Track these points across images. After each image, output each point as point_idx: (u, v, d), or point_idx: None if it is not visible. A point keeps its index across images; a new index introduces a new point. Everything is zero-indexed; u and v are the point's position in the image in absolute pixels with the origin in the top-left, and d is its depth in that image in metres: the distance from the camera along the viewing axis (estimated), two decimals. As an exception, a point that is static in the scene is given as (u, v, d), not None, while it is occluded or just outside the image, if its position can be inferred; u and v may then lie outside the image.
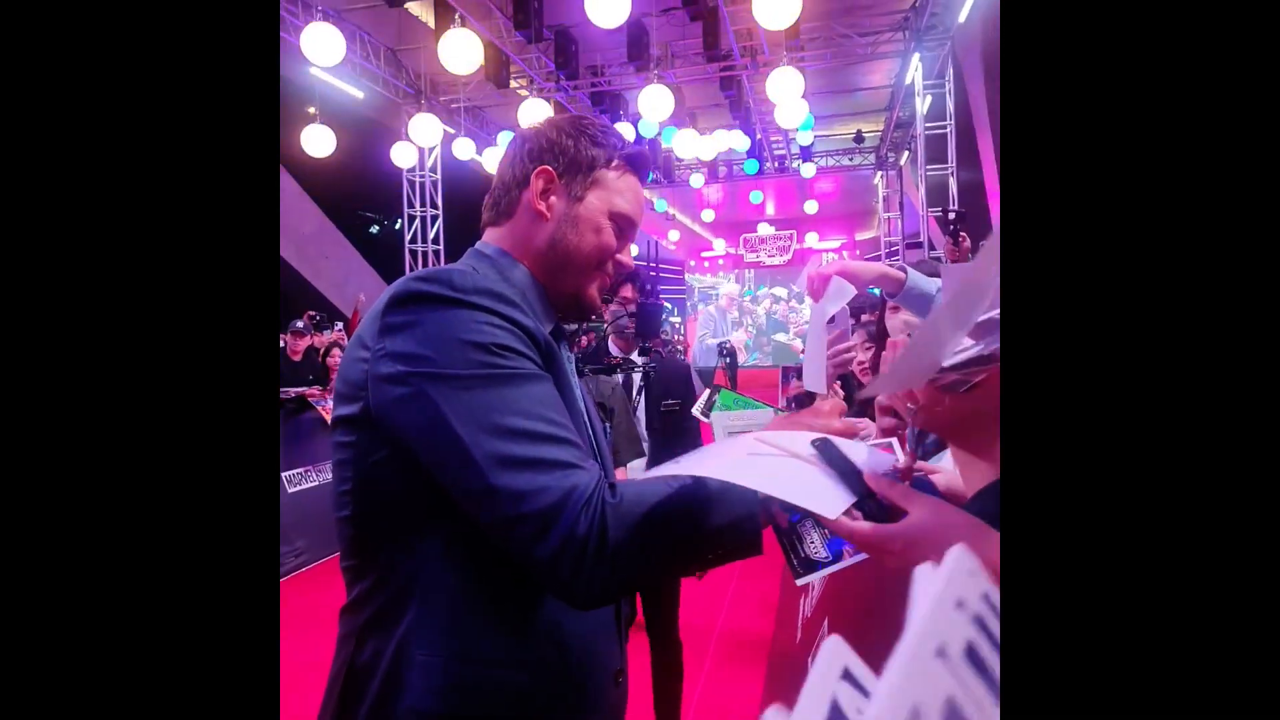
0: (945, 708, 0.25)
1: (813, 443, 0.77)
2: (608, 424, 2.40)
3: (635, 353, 2.77)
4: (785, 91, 6.89)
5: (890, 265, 1.45)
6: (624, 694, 1.00)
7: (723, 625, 3.84)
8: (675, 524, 0.79)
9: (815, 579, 0.78)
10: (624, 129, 7.81)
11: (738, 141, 10.84)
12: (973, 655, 0.28)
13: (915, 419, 0.82)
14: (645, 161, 1.05)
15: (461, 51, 6.36)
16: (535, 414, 0.79)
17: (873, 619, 1.48)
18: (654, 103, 7.16)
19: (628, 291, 2.74)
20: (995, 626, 0.30)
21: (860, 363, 2.20)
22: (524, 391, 0.81)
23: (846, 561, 0.77)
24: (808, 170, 12.55)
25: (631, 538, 0.77)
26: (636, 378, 2.74)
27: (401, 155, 9.00)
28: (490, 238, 1.02)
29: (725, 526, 0.81)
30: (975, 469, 0.80)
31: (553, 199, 0.99)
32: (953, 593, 0.28)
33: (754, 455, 0.77)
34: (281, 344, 6.25)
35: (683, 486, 0.81)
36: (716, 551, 0.83)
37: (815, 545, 0.79)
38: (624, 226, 1.02)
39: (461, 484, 0.78)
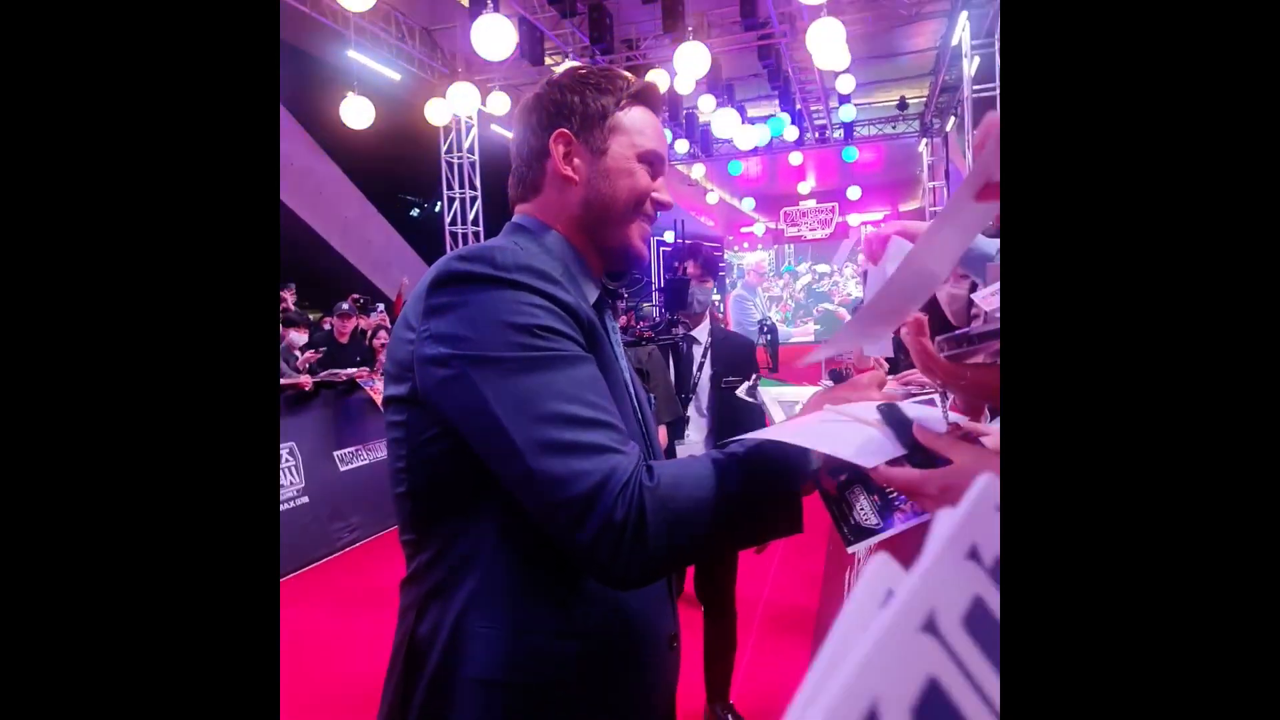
0: (925, 686, 0.23)
1: (878, 407, 0.79)
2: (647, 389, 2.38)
3: (697, 328, 2.72)
4: (826, 41, 6.63)
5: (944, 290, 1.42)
6: (678, 658, 1.02)
7: (769, 597, 3.82)
8: (712, 504, 0.79)
9: (866, 546, 0.76)
10: (658, 76, 7.75)
11: (785, 130, 10.74)
12: (974, 621, 0.25)
13: (945, 390, 0.79)
14: (654, 92, 1.04)
15: (494, 36, 6.35)
16: (576, 398, 0.79)
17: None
18: (689, 61, 7.05)
19: (691, 268, 2.69)
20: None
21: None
22: (565, 375, 0.80)
23: (898, 527, 0.75)
24: (850, 153, 12.34)
25: (669, 520, 0.77)
26: (697, 352, 2.68)
27: (436, 113, 8.77)
28: (524, 211, 1.02)
29: (762, 501, 0.82)
30: None
31: (576, 160, 0.98)
32: (966, 538, 0.25)
33: (822, 422, 0.80)
34: (328, 326, 6.40)
35: (718, 464, 0.81)
36: (756, 527, 0.84)
37: (866, 512, 0.77)
38: (653, 162, 1.01)
39: (504, 468, 0.80)
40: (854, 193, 16.47)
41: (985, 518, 0.27)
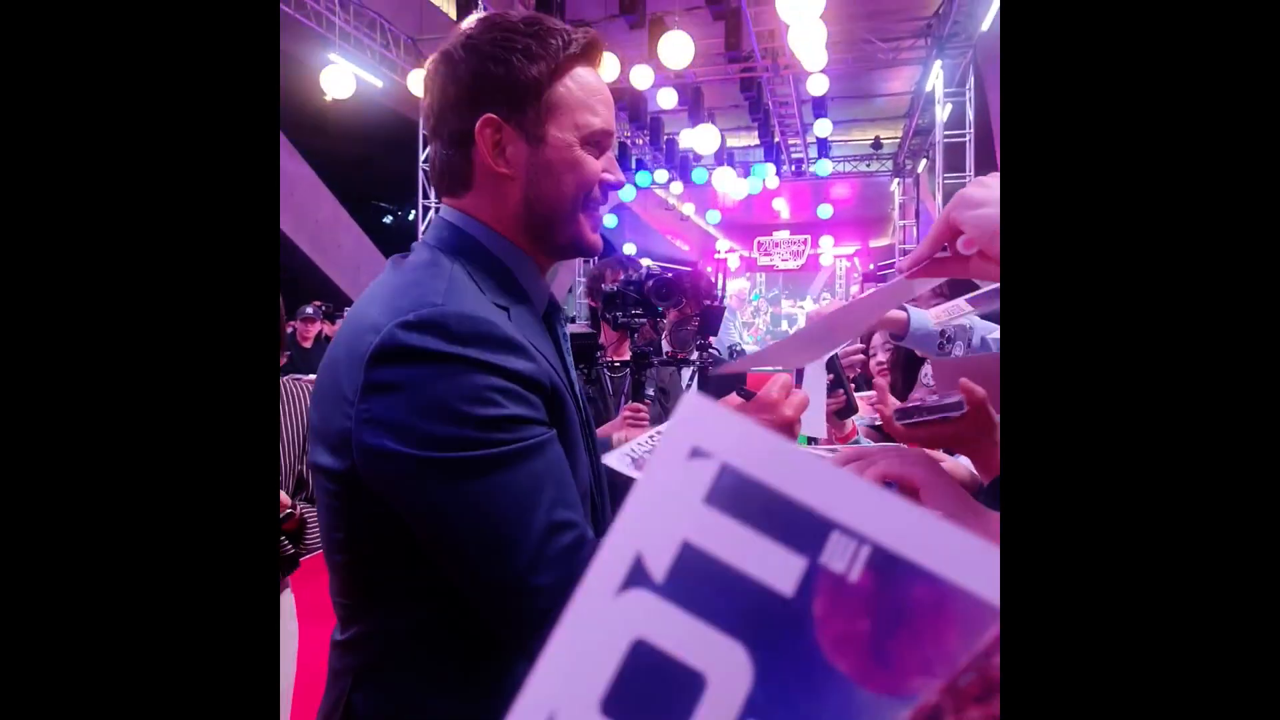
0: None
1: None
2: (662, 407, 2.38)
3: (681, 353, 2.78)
4: (806, 40, 6.46)
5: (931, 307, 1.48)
6: None
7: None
8: None
9: None
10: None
11: (771, 181, 10.84)
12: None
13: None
14: (596, 47, 0.86)
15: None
16: (533, 502, 0.72)
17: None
18: (703, 140, 7.07)
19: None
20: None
21: (880, 363, 2.19)
22: (526, 472, 0.72)
23: None
24: (823, 168, 12.51)
25: None
26: (686, 374, 2.74)
27: (417, 82, 8.41)
28: (456, 206, 0.87)
29: None
30: (985, 469, 0.81)
31: (509, 150, 0.82)
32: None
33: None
34: (291, 330, 6.27)
35: None
36: None
37: None
38: (600, 139, 0.86)
39: (452, 569, 0.74)
40: (825, 210, 16.65)
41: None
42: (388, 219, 16.70)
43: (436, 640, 0.79)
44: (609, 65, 6.11)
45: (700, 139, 8.77)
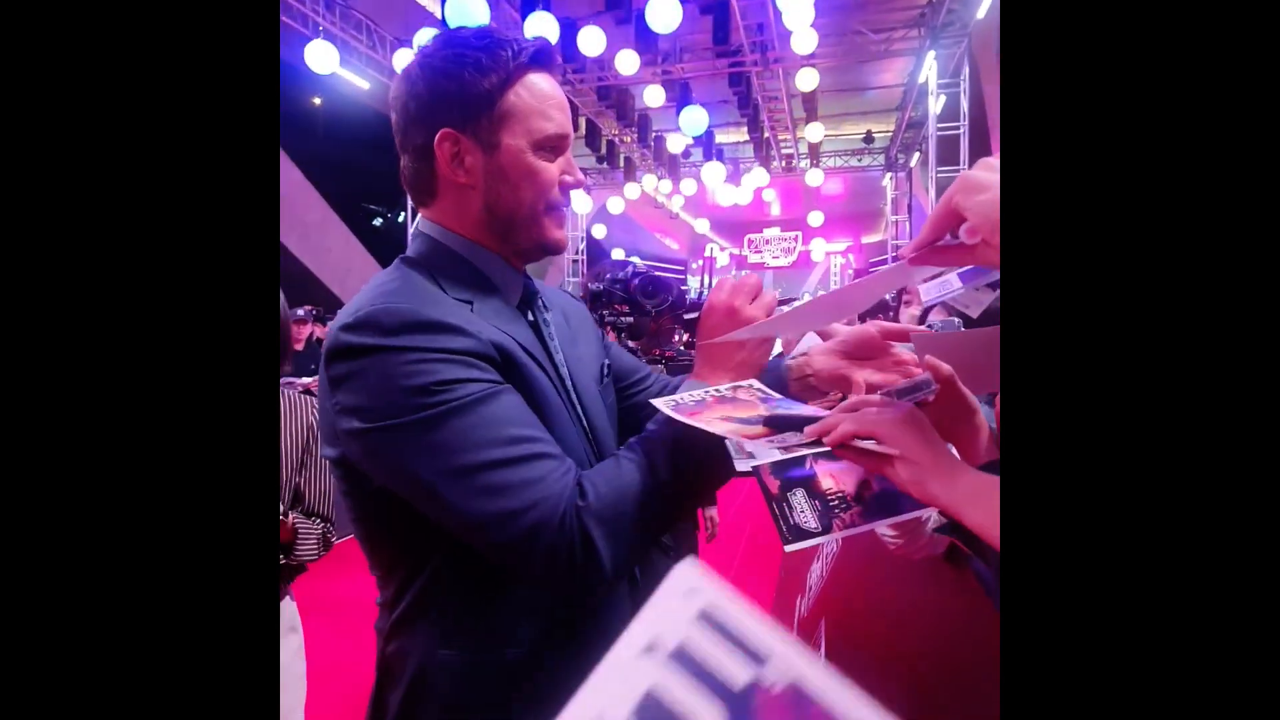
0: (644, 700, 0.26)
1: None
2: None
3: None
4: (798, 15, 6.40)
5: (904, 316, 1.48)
6: None
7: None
8: (652, 492, 0.81)
9: (803, 546, 0.77)
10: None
11: (761, 178, 10.80)
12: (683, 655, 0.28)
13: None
14: (547, 53, 0.91)
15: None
16: (492, 438, 0.79)
17: (870, 623, 1.44)
18: (689, 122, 7.07)
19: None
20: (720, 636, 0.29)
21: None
22: (479, 417, 0.79)
23: (835, 534, 0.78)
24: (814, 178, 12.50)
25: (613, 530, 0.79)
26: None
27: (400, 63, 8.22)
28: (428, 217, 0.95)
29: (694, 469, 0.84)
30: (967, 456, 0.82)
31: (468, 160, 0.89)
32: (648, 631, 0.28)
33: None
34: (281, 333, 6.25)
35: (645, 452, 0.84)
36: (698, 489, 0.87)
37: (805, 515, 0.78)
38: (555, 146, 0.91)
39: (446, 521, 0.81)
40: (816, 218, 16.67)
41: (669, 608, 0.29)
42: (377, 221, 16.67)
43: (442, 596, 0.88)
44: (593, 41, 6.11)
45: (689, 120, 8.69)
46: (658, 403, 0.84)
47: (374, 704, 0.92)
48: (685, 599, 0.28)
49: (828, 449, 0.73)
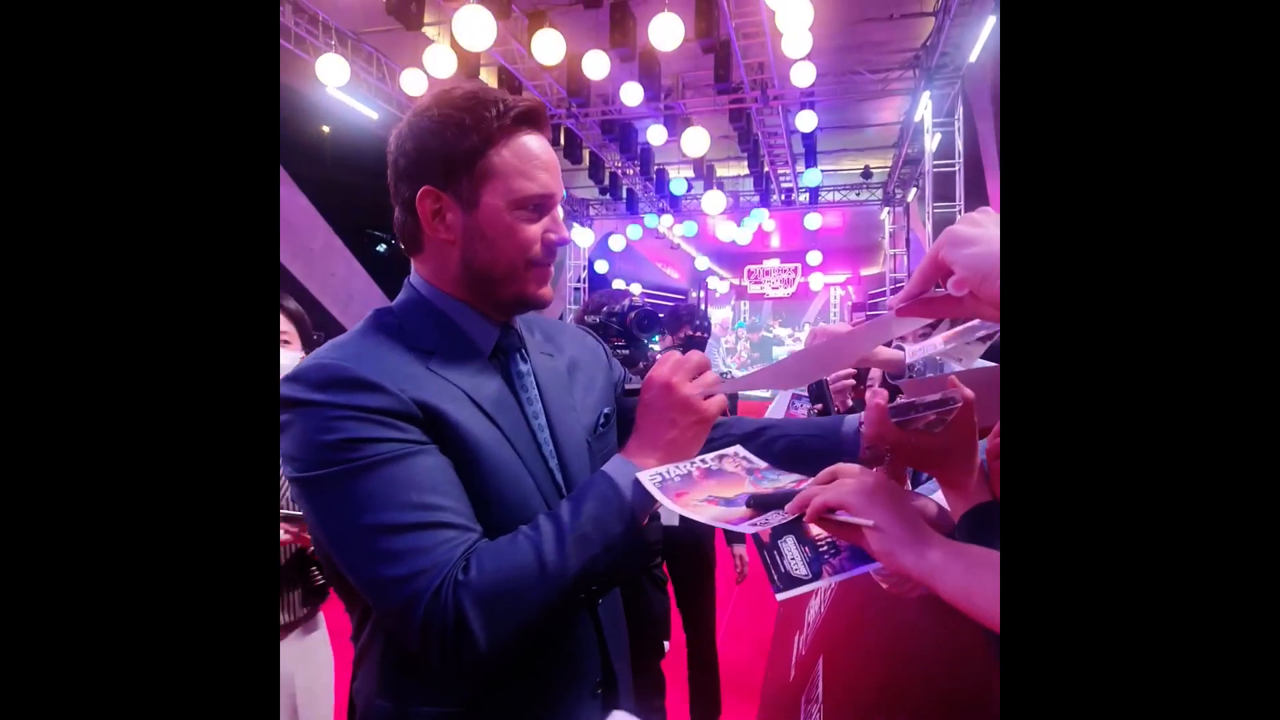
0: None
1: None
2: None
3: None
4: (792, 17, 6.13)
5: (888, 348, 1.50)
6: (607, 705, 0.98)
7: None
8: (537, 574, 0.79)
9: (793, 594, 0.78)
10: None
11: (767, 224, 10.73)
12: None
13: (894, 455, 0.85)
14: (536, 113, 0.92)
15: (443, 67, 6.43)
16: (388, 504, 0.79)
17: (866, 662, 1.45)
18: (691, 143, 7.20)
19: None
20: None
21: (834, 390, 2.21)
22: (379, 480, 0.79)
23: (825, 580, 0.77)
24: (812, 221, 12.67)
25: (490, 610, 0.77)
26: None
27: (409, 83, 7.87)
28: (415, 269, 0.98)
29: (598, 555, 0.82)
30: (957, 496, 0.82)
31: (449, 216, 0.90)
32: None
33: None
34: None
35: (540, 533, 0.81)
36: (595, 579, 0.83)
37: (796, 562, 0.78)
38: (538, 204, 0.91)
39: (347, 575, 0.82)
40: (814, 258, 16.83)
41: None
42: (381, 248, 16.73)
43: (380, 643, 0.90)
44: (552, 47, 6.20)
45: (691, 141, 8.76)
46: (642, 476, 0.82)
47: None
48: None
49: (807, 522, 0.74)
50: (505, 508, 0.86)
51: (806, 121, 8.55)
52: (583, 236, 13.01)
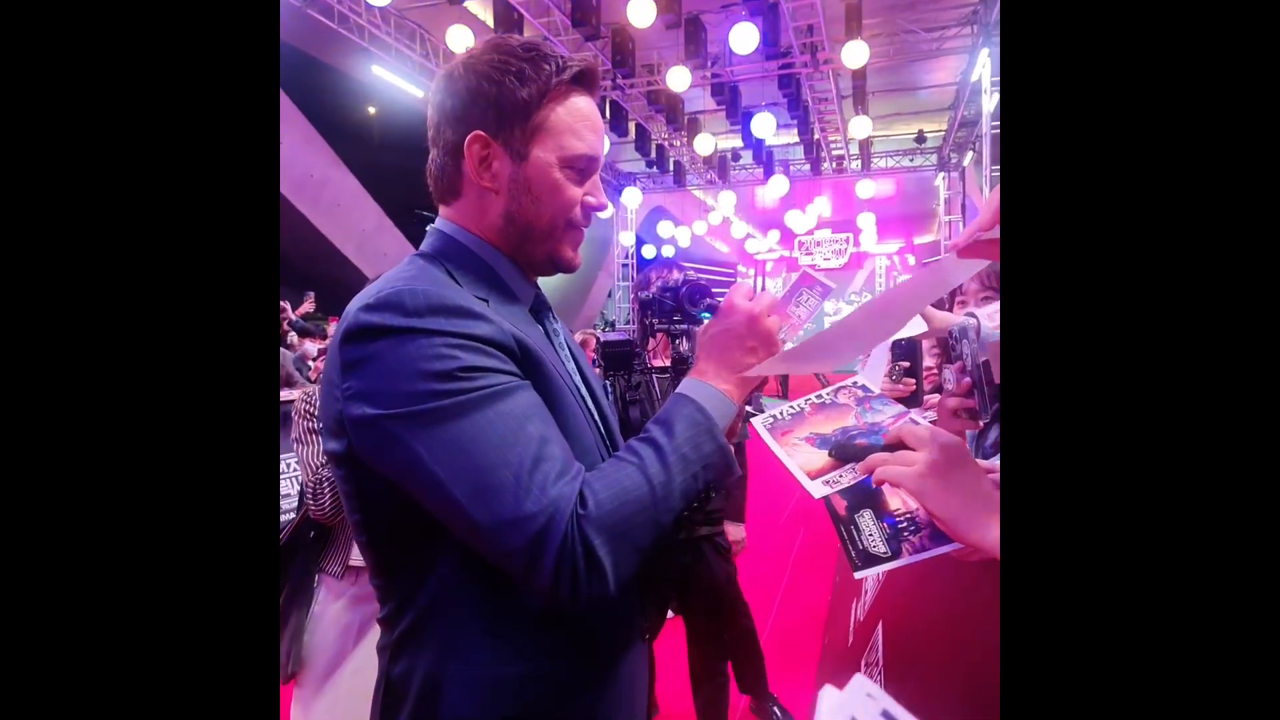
0: None
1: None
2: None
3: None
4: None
5: (962, 313, 1.41)
6: (650, 650, 1.01)
7: (774, 624, 3.75)
8: (650, 498, 0.79)
9: (874, 573, 0.74)
10: (704, 142, 7.48)
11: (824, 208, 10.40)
12: None
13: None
14: (591, 75, 0.91)
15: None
16: (511, 437, 0.76)
17: (927, 625, 1.41)
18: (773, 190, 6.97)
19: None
20: None
21: (927, 367, 2.14)
22: (497, 412, 0.76)
23: (906, 559, 0.74)
24: (864, 189, 12.32)
25: (616, 540, 0.76)
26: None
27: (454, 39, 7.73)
28: (446, 215, 0.95)
29: (693, 469, 0.82)
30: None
31: (495, 165, 0.89)
32: (846, 711, 0.30)
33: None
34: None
35: (641, 456, 0.81)
36: (699, 491, 0.84)
37: (874, 539, 0.75)
38: (583, 168, 0.91)
39: (451, 520, 0.77)
40: (866, 220, 16.39)
41: None
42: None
43: (451, 606, 0.84)
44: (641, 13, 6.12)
45: (760, 126, 8.56)
46: (755, 422, 0.82)
47: None
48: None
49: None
50: (575, 447, 0.84)
51: (856, 55, 7.46)
52: (631, 198, 12.86)
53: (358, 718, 1.77)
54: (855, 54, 7.53)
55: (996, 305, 1.62)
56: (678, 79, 7.66)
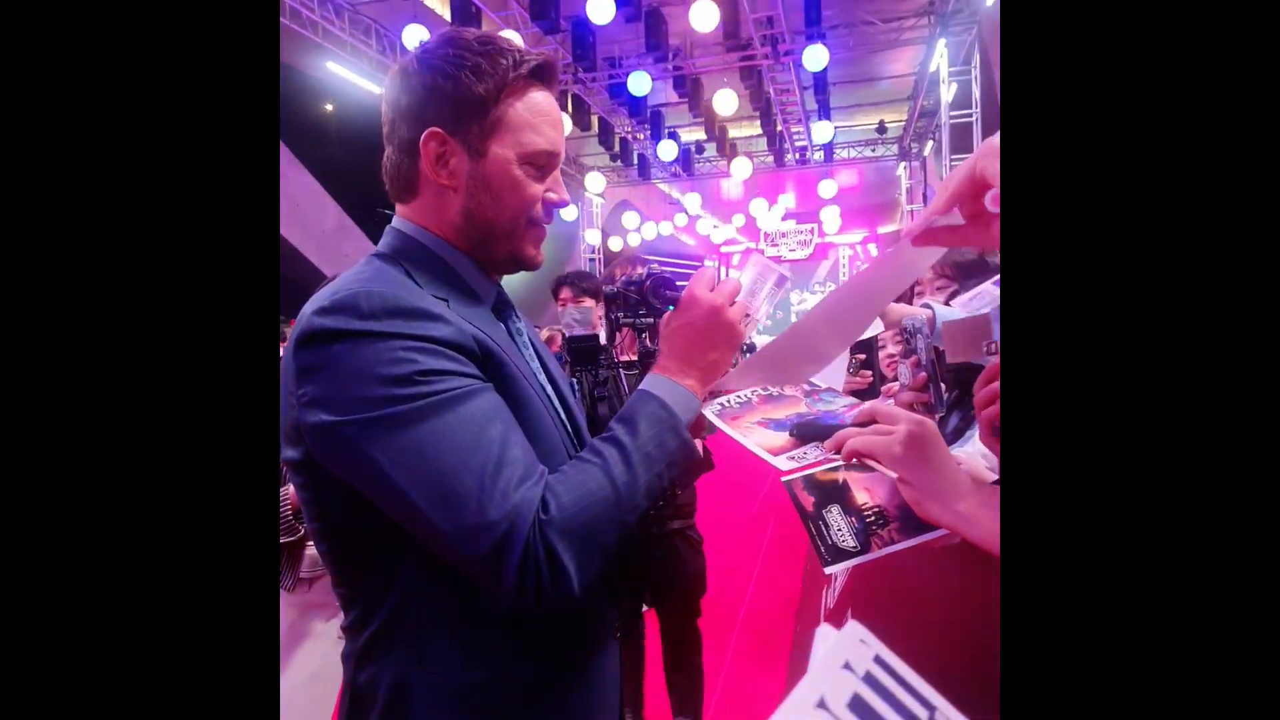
0: None
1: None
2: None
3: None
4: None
5: (919, 304, 1.40)
6: (618, 646, 0.99)
7: (746, 614, 3.77)
8: (613, 499, 0.77)
9: (844, 568, 0.74)
10: (666, 149, 7.42)
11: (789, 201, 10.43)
12: (857, 705, 0.30)
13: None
14: (549, 69, 0.89)
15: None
16: (471, 442, 0.74)
17: (897, 611, 1.42)
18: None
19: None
20: (889, 683, 0.31)
21: (890, 355, 2.15)
22: (456, 417, 0.75)
23: (876, 553, 0.74)
24: (827, 189, 12.42)
25: (579, 543, 0.75)
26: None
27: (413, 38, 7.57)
28: (403, 214, 0.92)
29: (658, 468, 0.81)
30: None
31: (453, 162, 0.86)
32: (840, 656, 0.31)
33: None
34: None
35: (603, 456, 0.80)
36: (664, 488, 0.83)
37: (843, 534, 0.75)
38: (543, 164, 0.89)
39: (412, 527, 0.76)
40: (830, 214, 16.49)
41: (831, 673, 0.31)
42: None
43: (416, 612, 0.82)
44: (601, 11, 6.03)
45: (722, 102, 8.53)
46: (707, 411, 0.82)
47: None
48: (848, 665, 0.31)
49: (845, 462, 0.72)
50: (540, 448, 0.83)
51: (816, 59, 7.72)
52: (594, 182, 12.74)
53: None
54: (815, 57, 7.61)
55: (956, 291, 1.62)
56: (638, 83, 7.63)
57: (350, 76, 8.31)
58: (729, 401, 0.84)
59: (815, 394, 0.87)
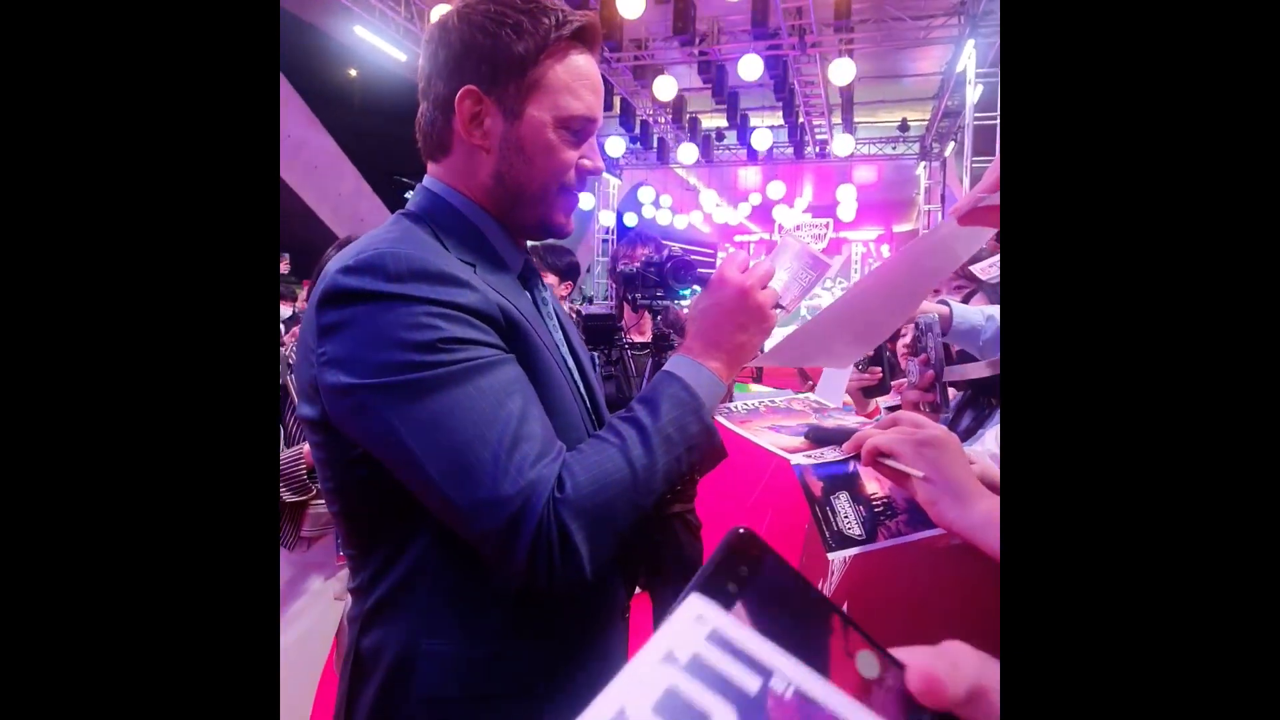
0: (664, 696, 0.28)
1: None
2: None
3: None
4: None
5: (935, 300, 1.41)
6: (628, 626, 0.98)
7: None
8: (630, 481, 0.76)
9: (846, 555, 0.75)
10: (665, 84, 7.24)
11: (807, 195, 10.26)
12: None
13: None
14: (593, 31, 0.86)
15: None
16: (489, 414, 0.73)
17: (891, 606, 1.44)
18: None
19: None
20: (726, 667, 0.30)
21: (906, 345, 2.16)
22: (476, 387, 0.73)
23: (881, 543, 0.74)
24: (845, 194, 12.33)
25: (592, 524, 0.74)
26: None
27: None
28: (434, 173, 0.90)
29: (676, 451, 0.79)
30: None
31: (487, 122, 0.84)
32: (664, 645, 0.30)
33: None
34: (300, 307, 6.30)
35: (622, 436, 0.78)
36: (681, 474, 0.81)
37: (850, 521, 0.75)
38: (580, 129, 0.86)
39: (425, 497, 0.75)
40: (846, 212, 16.39)
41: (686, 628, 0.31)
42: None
43: (427, 581, 0.81)
44: (631, 7, 5.90)
45: (759, 140, 8.40)
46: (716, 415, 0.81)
47: (346, 704, 0.84)
48: (696, 623, 0.31)
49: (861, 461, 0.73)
50: (558, 422, 0.82)
51: (842, 73, 7.98)
52: (614, 147, 12.57)
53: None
54: (842, 71, 7.63)
55: (972, 291, 1.62)
56: (664, 88, 7.55)
57: (377, 42, 8.28)
58: (736, 408, 0.83)
59: (824, 411, 0.86)
